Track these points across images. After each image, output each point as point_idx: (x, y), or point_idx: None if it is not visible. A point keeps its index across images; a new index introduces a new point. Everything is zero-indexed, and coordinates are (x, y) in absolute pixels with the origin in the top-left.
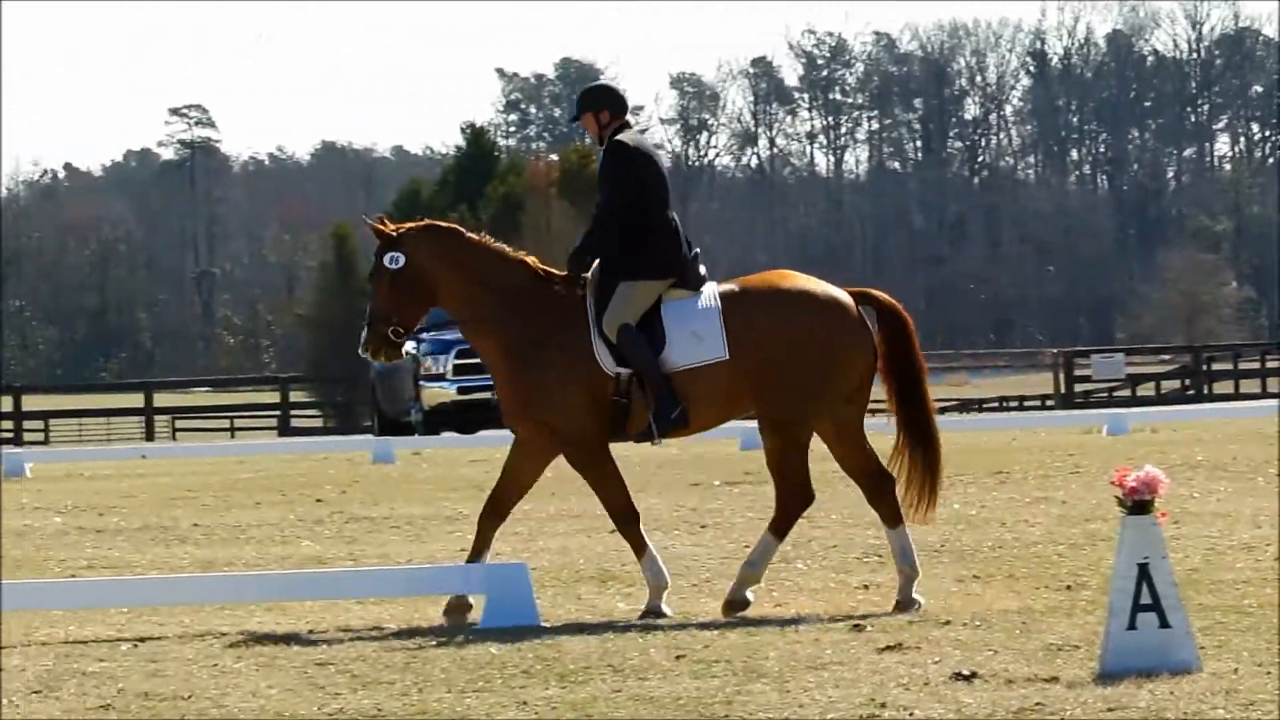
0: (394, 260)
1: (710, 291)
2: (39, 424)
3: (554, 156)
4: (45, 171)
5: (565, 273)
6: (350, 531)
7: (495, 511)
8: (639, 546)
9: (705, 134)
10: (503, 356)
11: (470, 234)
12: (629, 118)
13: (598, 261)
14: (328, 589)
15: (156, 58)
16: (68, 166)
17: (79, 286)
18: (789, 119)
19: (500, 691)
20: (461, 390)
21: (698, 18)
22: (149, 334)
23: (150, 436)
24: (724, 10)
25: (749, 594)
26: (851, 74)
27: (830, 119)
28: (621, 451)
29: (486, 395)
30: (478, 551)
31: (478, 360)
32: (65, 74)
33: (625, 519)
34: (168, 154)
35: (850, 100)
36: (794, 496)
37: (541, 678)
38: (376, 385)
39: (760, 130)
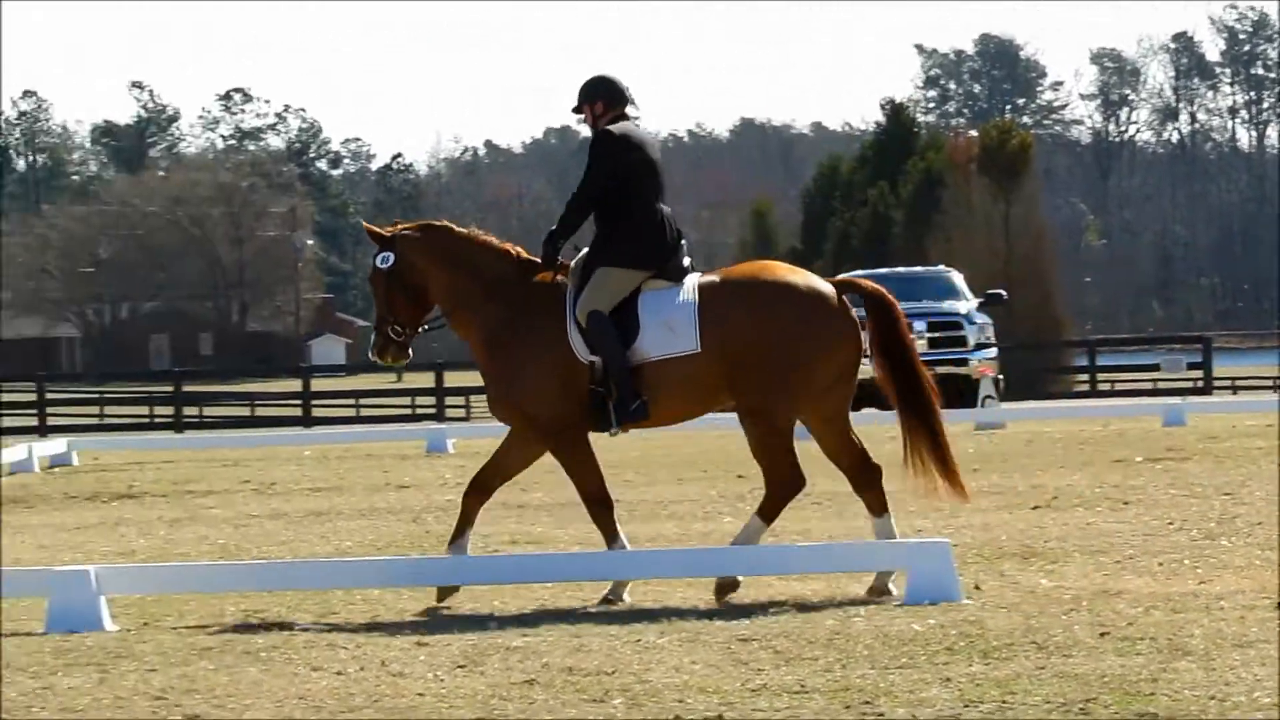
0: (384, 260)
1: (690, 284)
2: (460, 400)
3: (973, 133)
4: (466, 149)
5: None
6: None
7: (479, 489)
8: (610, 534)
9: (1126, 109)
10: (482, 345)
11: (460, 229)
12: (630, 109)
13: (584, 250)
14: (748, 565)
15: (579, 35)
16: (488, 144)
17: None
18: (1210, 94)
19: (923, 668)
20: None
21: None
22: None
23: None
24: None
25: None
26: (1274, 48)
27: (1252, 94)
28: (1033, 430)
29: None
30: (460, 529)
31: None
32: (485, 53)
33: (598, 504)
34: (586, 131)
35: (1273, 75)
36: (781, 484)
37: (964, 654)
38: None
39: (1181, 105)
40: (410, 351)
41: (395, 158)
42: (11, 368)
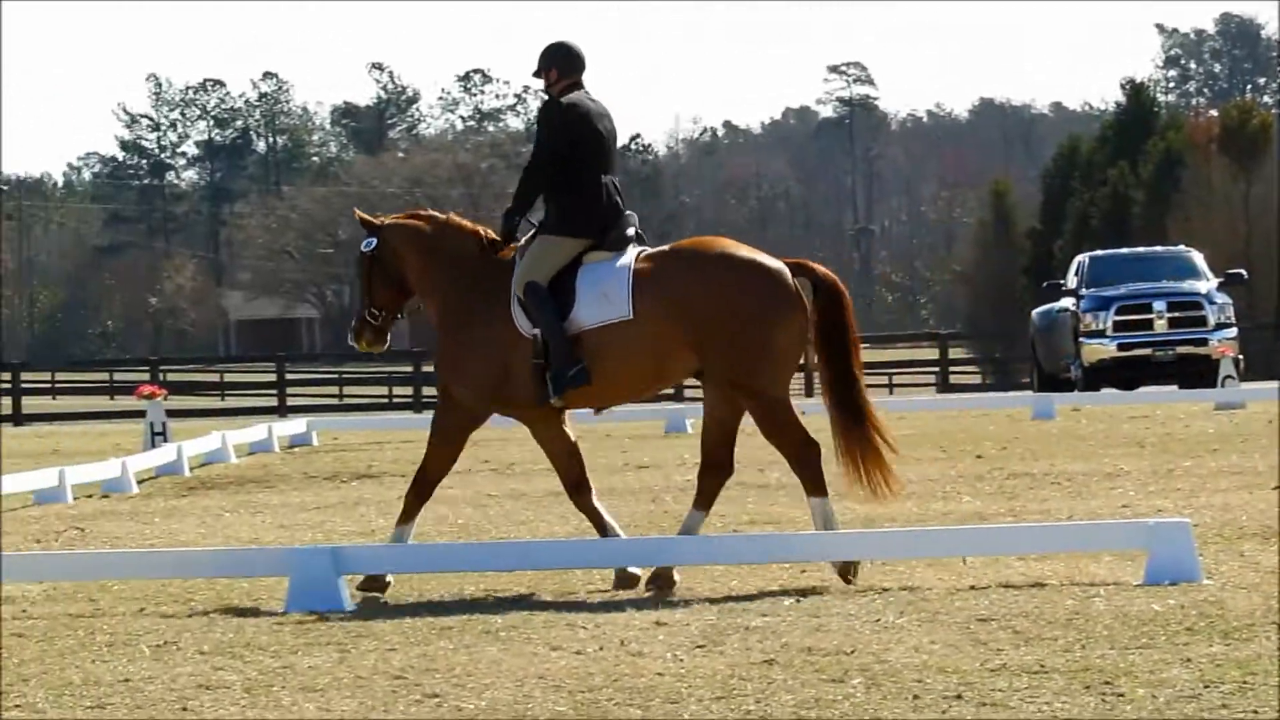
0: (368, 244)
1: (632, 254)
2: (697, 382)
3: (1214, 112)
4: (705, 129)
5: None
6: (1011, 487)
7: (576, 489)
8: (408, 516)
9: None
10: (438, 327)
11: (440, 215)
12: (582, 78)
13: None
14: (989, 544)
15: (814, 13)
16: (727, 124)
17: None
18: None
19: (1163, 648)
20: (1121, 346)
21: None
22: None
23: (809, 393)
24: None
25: None
26: None
27: None
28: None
29: (1147, 351)
30: (601, 527)
31: (1140, 316)
32: (726, 34)
33: (422, 486)
34: (826, 111)
35: None
36: (802, 444)
37: (1205, 635)
38: (1036, 342)
39: None
40: (388, 338)
41: (634, 138)
42: (252, 349)
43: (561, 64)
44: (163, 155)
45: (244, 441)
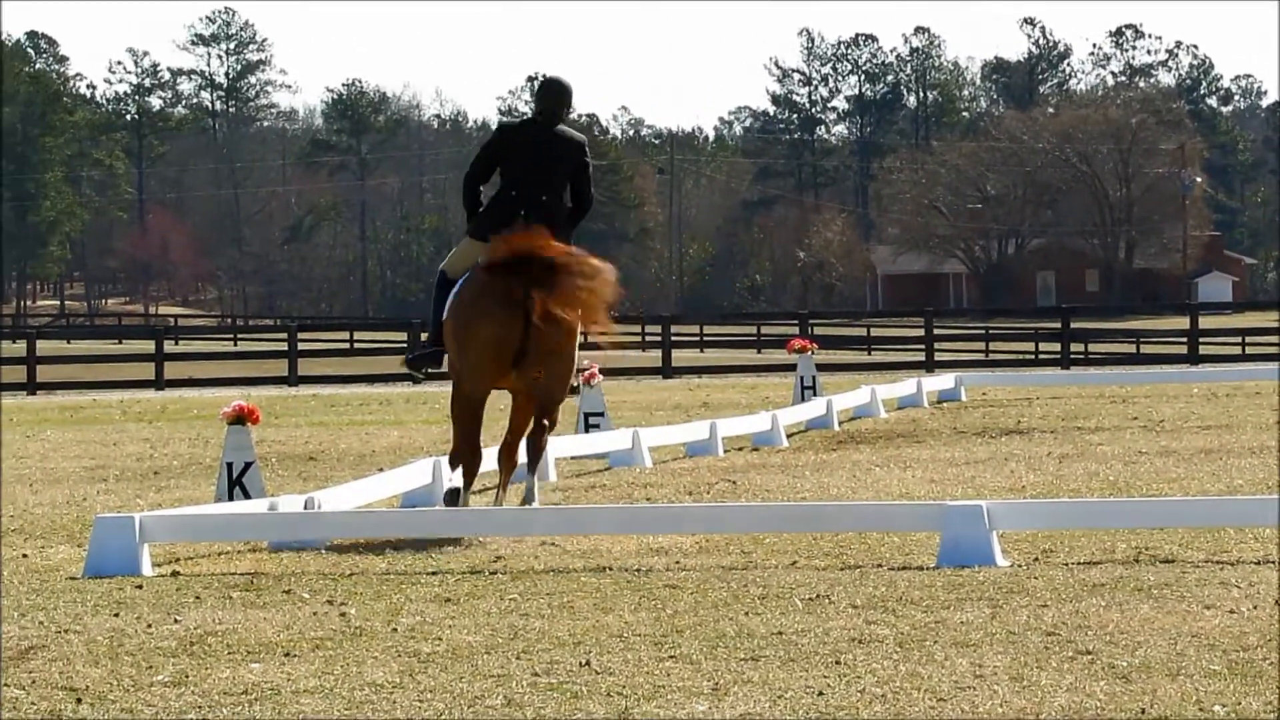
0: None
1: None
2: None
3: None
4: None
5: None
6: None
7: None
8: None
9: None
10: None
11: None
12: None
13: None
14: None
15: None
16: None
17: None
18: None
19: None
20: None
21: None
22: None
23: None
24: None
25: None
26: None
27: None
28: None
29: None
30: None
31: None
32: None
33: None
34: None
35: None
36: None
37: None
38: None
39: None
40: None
41: None
42: (899, 303)
43: (536, 99)
44: (813, 110)
45: (893, 396)
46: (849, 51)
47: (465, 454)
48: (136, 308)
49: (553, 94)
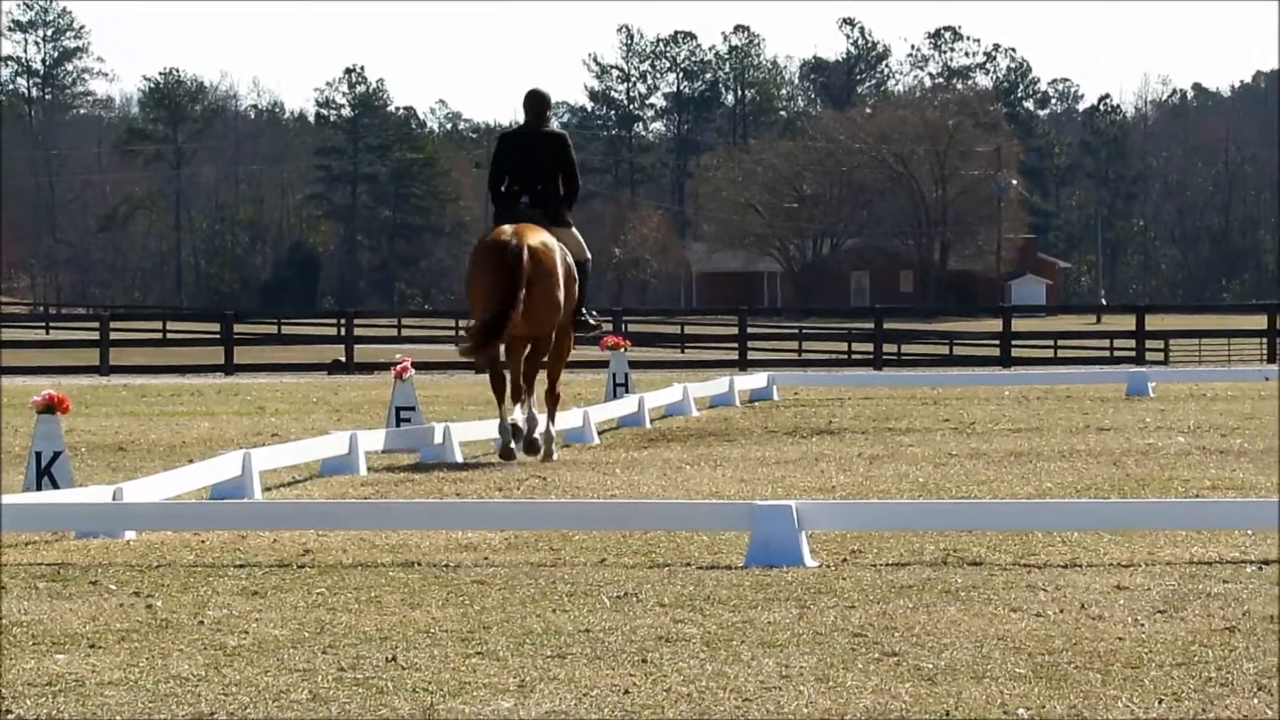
0: None
1: None
2: (1159, 344)
3: None
4: (1175, 91)
5: None
6: None
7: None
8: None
9: None
10: None
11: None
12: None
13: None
14: None
15: None
16: (1196, 86)
17: (1203, 207)
18: None
19: None
20: None
21: None
22: (1272, 256)
23: (1273, 358)
24: None
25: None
26: None
27: None
28: None
29: None
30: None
31: None
32: None
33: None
34: None
35: None
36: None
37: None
38: None
39: None
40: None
41: (1103, 99)
42: (714, 301)
43: (523, 109)
44: (631, 106)
45: (705, 395)
46: (668, 49)
47: (496, 384)
48: None
49: (534, 102)
